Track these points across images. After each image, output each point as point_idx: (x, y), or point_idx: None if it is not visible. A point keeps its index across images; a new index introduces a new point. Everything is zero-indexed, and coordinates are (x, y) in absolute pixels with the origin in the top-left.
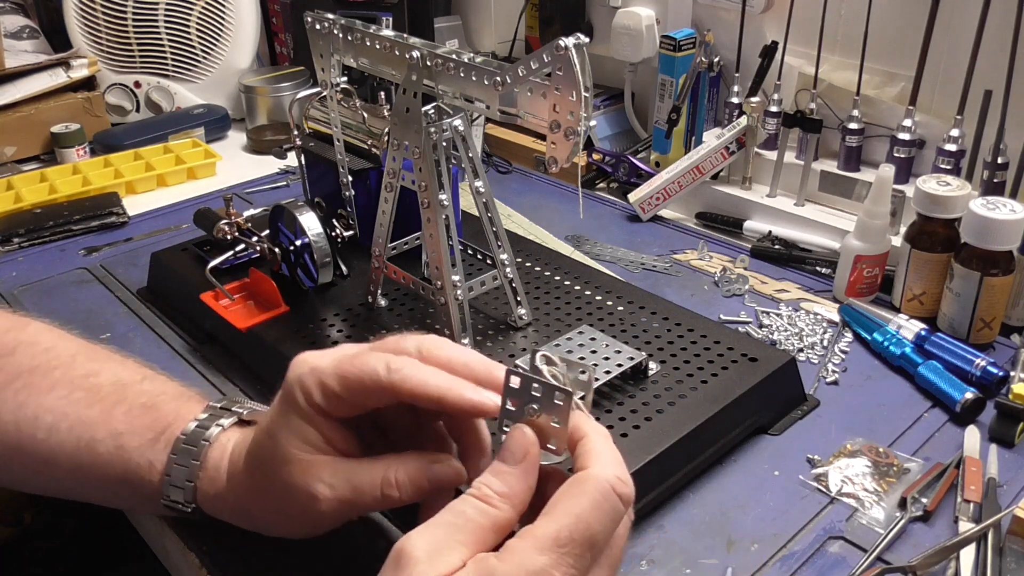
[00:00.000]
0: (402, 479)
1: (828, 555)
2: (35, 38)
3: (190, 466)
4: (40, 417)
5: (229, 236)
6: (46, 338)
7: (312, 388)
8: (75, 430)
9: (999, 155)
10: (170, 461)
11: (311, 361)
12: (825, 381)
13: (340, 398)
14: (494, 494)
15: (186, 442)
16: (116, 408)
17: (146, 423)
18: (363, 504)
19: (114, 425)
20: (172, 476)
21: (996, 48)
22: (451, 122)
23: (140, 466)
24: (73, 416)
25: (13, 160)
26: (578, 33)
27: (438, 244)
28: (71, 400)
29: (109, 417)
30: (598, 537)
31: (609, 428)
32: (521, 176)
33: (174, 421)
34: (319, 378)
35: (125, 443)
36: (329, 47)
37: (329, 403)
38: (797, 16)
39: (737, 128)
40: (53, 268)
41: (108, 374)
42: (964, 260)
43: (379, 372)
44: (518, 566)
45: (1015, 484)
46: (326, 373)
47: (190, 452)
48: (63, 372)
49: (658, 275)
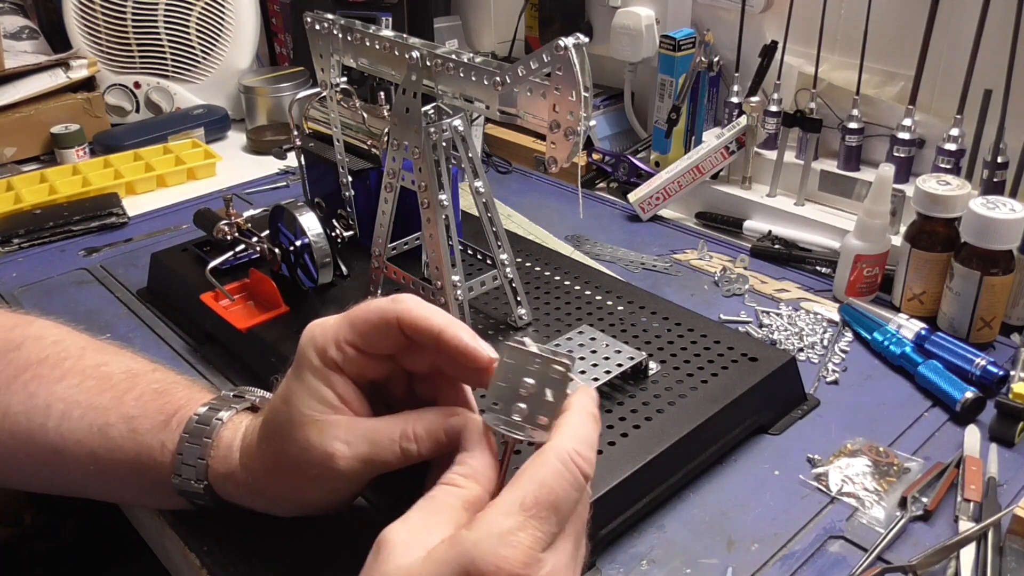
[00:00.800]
0: (420, 432)
1: (828, 555)
2: (35, 39)
3: (202, 444)
4: (52, 406)
5: (229, 236)
6: (54, 332)
7: (327, 344)
8: (87, 417)
9: (999, 154)
10: (181, 440)
11: (320, 323)
12: (825, 381)
13: (353, 346)
14: (457, 476)
15: (198, 421)
16: (128, 394)
17: (158, 406)
18: (382, 460)
19: (126, 410)
20: (184, 455)
21: (996, 47)
22: (451, 122)
23: (152, 448)
24: (85, 403)
25: (13, 161)
26: (578, 33)
27: (438, 244)
28: (83, 388)
29: (121, 403)
30: (561, 503)
31: (609, 428)
32: (521, 176)
33: (186, 404)
34: (331, 334)
35: (137, 426)
36: (329, 47)
37: (343, 356)
38: (797, 16)
39: (737, 128)
40: (53, 269)
41: (119, 364)
42: (964, 259)
43: (384, 304)
44: (486, 531)
45: (1015, 483)
46: (337, 326)
47: (202, 431)
48: (73, 363)
49: (658, 275)
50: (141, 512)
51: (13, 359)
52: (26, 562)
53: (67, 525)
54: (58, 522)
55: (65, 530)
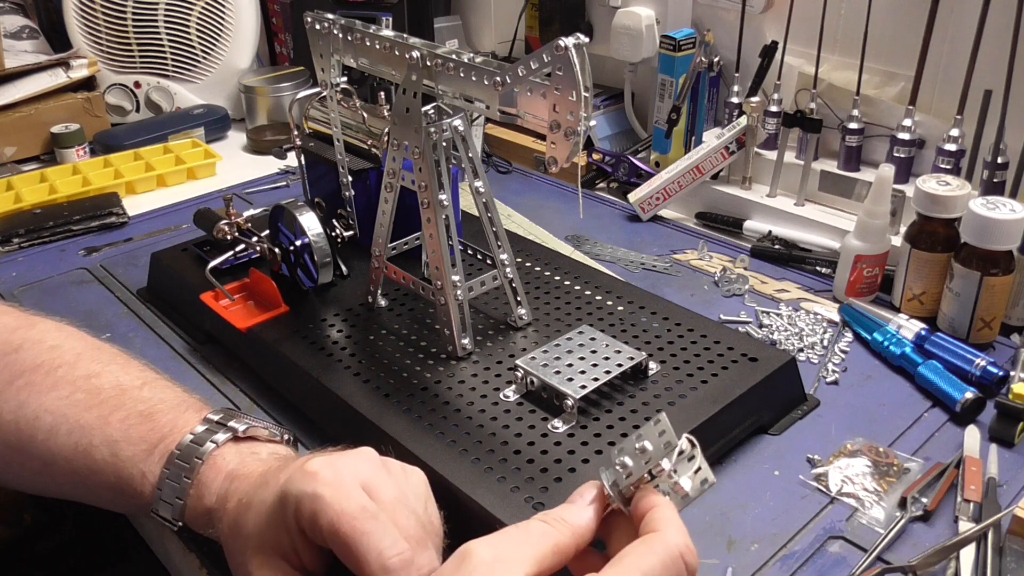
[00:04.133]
0: None
1: (828, 555)
2: (35, 38)
3: (182, 484)
4: (40, 418)
5: (229, 236)
6: (53, 336)
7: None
8: (73, 435)
9: (999, 155)
10: (162, 476)
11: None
12: (825, 381)
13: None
14: (560, 519)
15: (179, 457)
16: (114, 414)
17: (142, 433)
18: None
19: (110, 432)
20: (163, 491)
21: (996, 48)
22: (451, 122)
23: (133, 476)
24: (72, 419)
25: (13, 160)
26: (578, 33)
27: (438, 244)
28: (71, 402)
29: (106, 423)
30: None
31: (609, 428)
32: (521, 176)
33: (170, 433)
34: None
35: (120, 452)
36: (329, 47)
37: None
38: (797, 16)
39: (737, 128)
40: (53, 268)
41: (109, 377)
42: (964, 260)
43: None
44: None
45: (1015, 484)
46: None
47: (183, 469)
48: (65, 371)
49: (658, 275)
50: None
51: (9, 363)
52: (26, 562)
53: (67, 525)
54: (58, 522)
55: (65, 530)
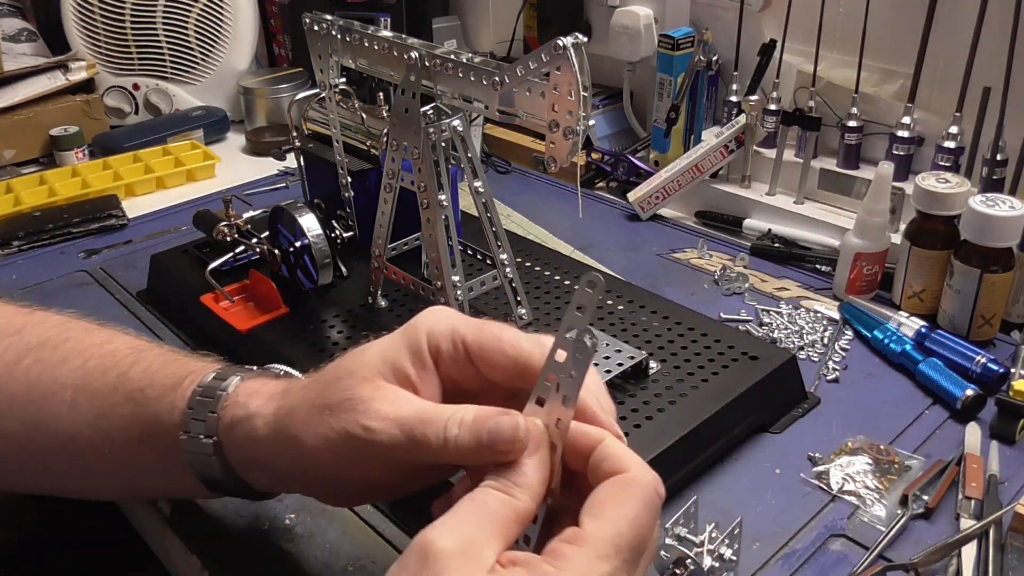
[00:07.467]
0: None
1: (830, 553)
2: (33, 41)
3: (215, 397)
4: (57, 394)
5: (229, 238)
6: (54, 318)
7: (440, 333)
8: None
9: (998, 152)
10: (193, 395)
11: (447, 312)
12: (826, 379)
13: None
14: (515, 485)
15: (215, 377)
16: (133, 368)
17: (167, 372)
18: (423, 438)
19: (132, 384)
20: (194, 409)
21: (994, 45)
22: (450, 122)
23: (159, 413)
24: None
25: (12, 163)
26: (576, 32)
27: (438, 244)
28: (87, 370)
29: (126, 379)
30: (648, 540)
31: None
32: (520, 176)
33: (199, 369)
34: (451, 326)
35: (145, 396)
36: (327, 48)
37: (450, 352)
38: (795, 14)
39: (736, 126)
40: (53, 271)
41: (121, 341)
42: (964, 257)
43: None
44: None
45: (1016, 481)
46: (465, 324)
47: (216, 386)
48: (75, 343)
49: (658, 274)
50: (142, 513)
51: (12, 343)
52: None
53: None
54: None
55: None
